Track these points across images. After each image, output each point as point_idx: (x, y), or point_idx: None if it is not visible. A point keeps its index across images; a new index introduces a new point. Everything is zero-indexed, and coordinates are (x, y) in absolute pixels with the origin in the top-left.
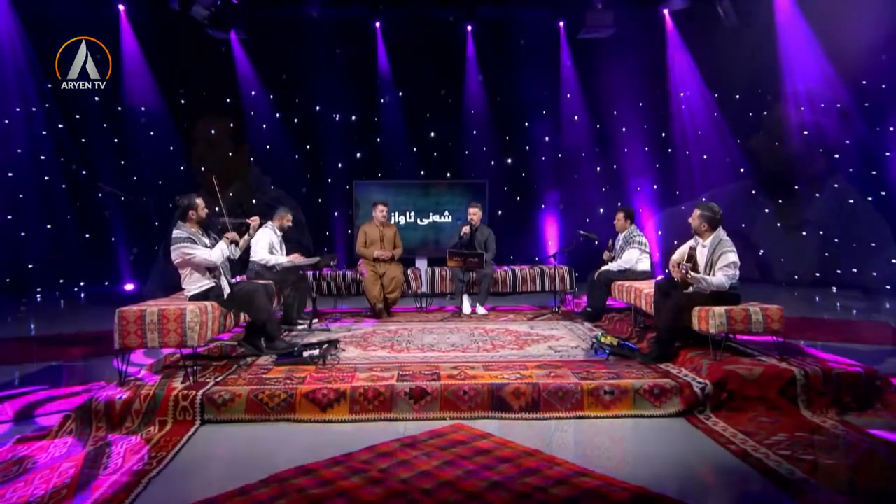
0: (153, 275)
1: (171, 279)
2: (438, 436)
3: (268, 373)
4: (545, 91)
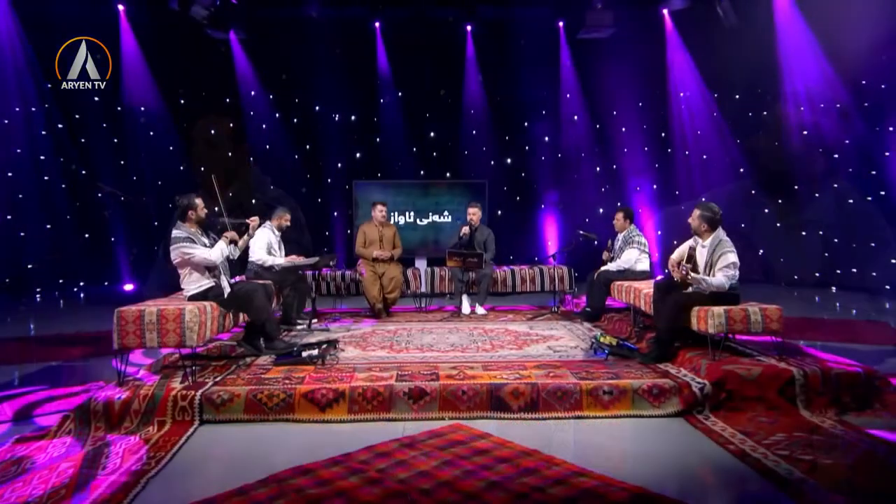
0: (153, 275)
1: (171, 279)
2: (437, 436)
3: (267, 373)
4: (545, 91)
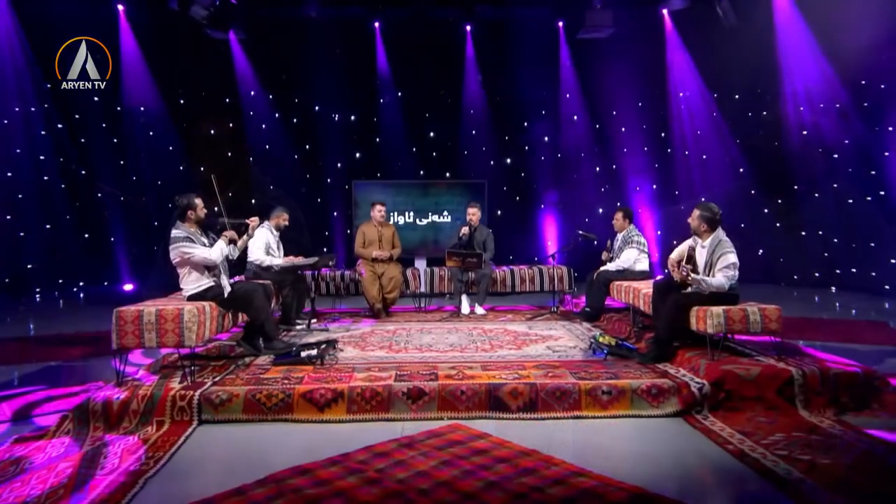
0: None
1: (171, 279)
2: (436, 436)
3: (266, 373)
4: (544, 91)
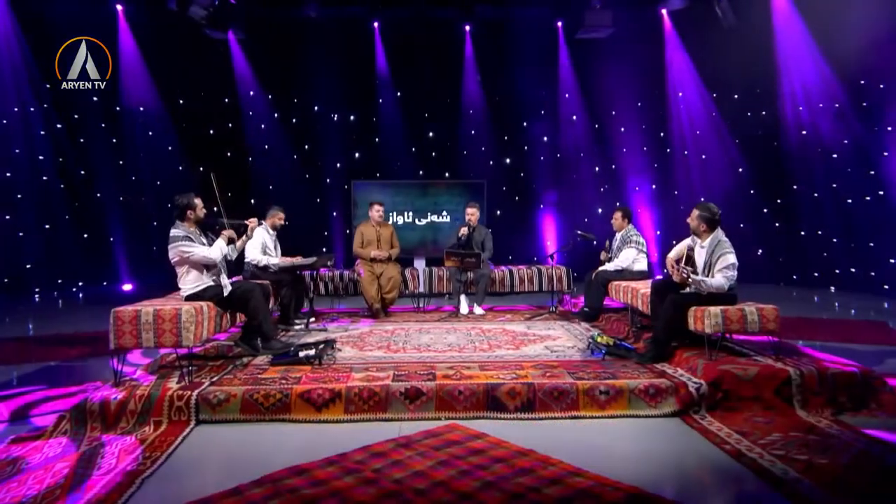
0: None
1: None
2: (433, 436)
3: (263, 373)
4: (543, 91)
